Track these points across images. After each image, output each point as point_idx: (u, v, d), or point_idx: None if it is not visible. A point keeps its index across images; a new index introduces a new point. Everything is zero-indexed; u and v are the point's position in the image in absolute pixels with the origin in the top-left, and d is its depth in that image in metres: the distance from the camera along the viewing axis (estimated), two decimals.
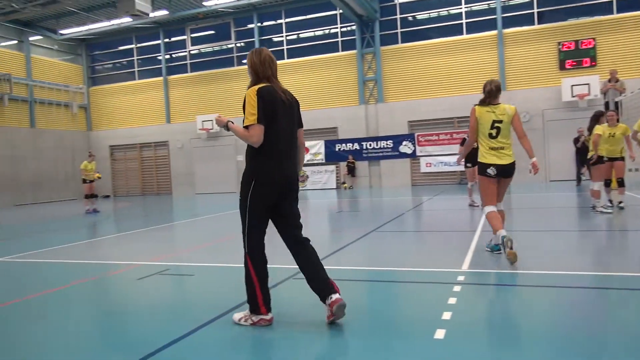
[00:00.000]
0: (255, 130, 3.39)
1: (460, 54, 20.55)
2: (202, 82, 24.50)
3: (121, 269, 6.10)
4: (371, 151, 21.69)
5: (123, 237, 9.46)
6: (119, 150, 26.63)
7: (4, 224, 13.63)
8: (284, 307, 4.20)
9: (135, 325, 3.87)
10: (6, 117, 22.75)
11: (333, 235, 8.64)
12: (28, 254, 7.57)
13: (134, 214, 14.82)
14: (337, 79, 22.26)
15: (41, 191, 23.82)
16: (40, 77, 24.32)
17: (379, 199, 15.77)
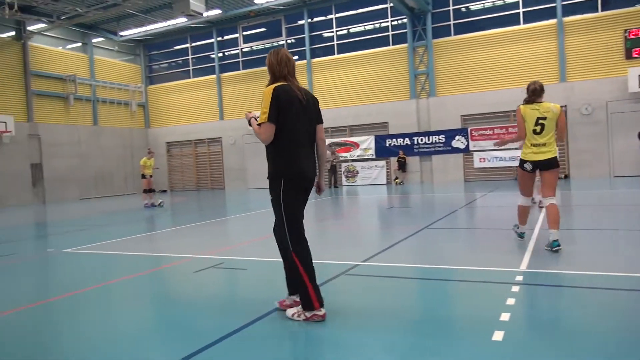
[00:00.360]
0: (265, 128, 3.49)
1: (517, 45, 19.81)
2: (253, 79, 24.87)
3: (178, 261, 6.29)
4: (422, 146, 21.32)
5: (179, 231, 9.76)
6: (175, 146, 27.50)
7: (71, 217, 14.39)
8: (337, 303, 4.20)
9: (191, 317, 3.98)
10: (72, 116, 23.98)
11: (384, 231, 8.57)
12: (92, 245, 7.96)
13: (190, 209, 15.27)
14: (387, 74, 22.01)
15: (103, 186, 25.00)
16: (102, 77, 25.46)
17: (431, 194, 15.49)
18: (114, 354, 3.26)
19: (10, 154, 21.14)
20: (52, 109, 23.19)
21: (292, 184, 3.57)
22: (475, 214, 10.31)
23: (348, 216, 11.20)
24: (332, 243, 7.46)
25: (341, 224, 9.73)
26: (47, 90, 22.87)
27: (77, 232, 10.29)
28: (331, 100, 23.04)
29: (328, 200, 15.39)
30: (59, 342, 3.55)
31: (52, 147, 22.78)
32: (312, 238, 8.00)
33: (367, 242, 7.38)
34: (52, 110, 23.19)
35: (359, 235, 8.13)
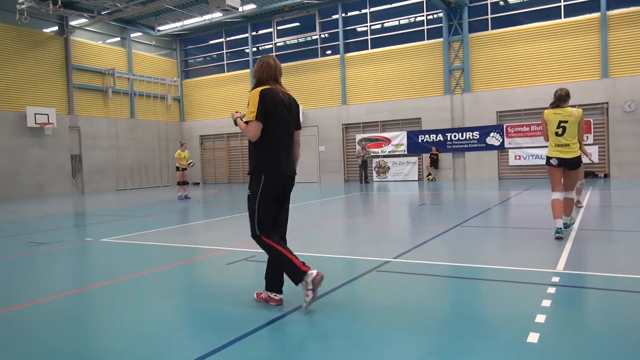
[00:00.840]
0: (253, 126, 3.73)
1: (557, 40, 19.24)
2: (286, 74, 24.93)
3: (211, 253, 6.39)
4: (456, 143, 21.01)
5: (212, 223, 9.92)
6: (208, 139, 27.91)
7: (108, 207, 14.81)
8: (367, 299, 4.19)
9: (222, 309, 4.03)
10: (110, 109, 24.63)
11: (415, 228, 8.49)
12: (128, 235, 8.17)
13: (222, 201, 15.49)
14: (421, 69, 21.75)
15: (139, 177, 25.63)
16: (139, 71, 26.03)
17: (463, 192, 15.27)
18: (146, 343, 3.35)
19: (51, 145, 21.88)
20: (92, 102, 23.86)
21: (272, 181, 3.81)
22: (509, 213, 10.11)
23: (379, 212, 11.15)
24: (362, 239, 7.44)
25: (372, 220, 9.70)
26: (87, 83, 23.54)
27: (113, 222, 10.59)
28: (364, 95, 22.93)
29: (358, 196, 15.36)
30: (95, 329, 3.66)
31: (90, 139, 23.46)
32: (343, 234, 8.08)
33: (399, 238, 7.33)
34: (92, 103, 23.86)
35: (390, 232, 8.08)
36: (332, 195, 16.13)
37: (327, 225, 8.89)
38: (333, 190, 18.35)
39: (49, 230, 9.48)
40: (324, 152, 24.03)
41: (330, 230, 8.29)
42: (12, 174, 20.47)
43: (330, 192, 17.27)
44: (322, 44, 24.32)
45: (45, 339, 3.47)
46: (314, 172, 24.32)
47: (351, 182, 22.52)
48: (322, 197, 15.83)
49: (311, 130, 24.27)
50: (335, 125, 23.63)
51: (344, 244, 7.13)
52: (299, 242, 7.07)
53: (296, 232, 8.07)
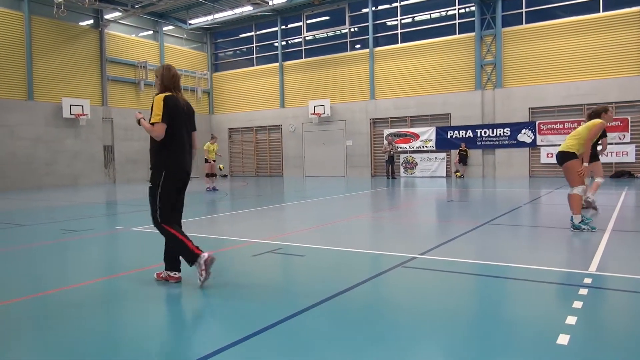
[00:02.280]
0: (159, 126, 4.36)
1: (594, 34, 18.66)
2: (315, 68, 24.94)
3: (238, 244, 6.45)
4: (486, 139, 20.66)
5: (239, 215, 10.02)
6: (236, 132, 28.16)
7: (138, 197, 15.11)
8: (392, 296, 4.16)
9: (248, 300, 4.06)
10: (142, 101, 25.07)
11: (442, 225, 8.39)
12: None
13: (249, 194, 15.62)
14: (452, 63, 21.42)
15: None
16: (171, 64, 26.41)
17: (493, 189, 15.02)
18: (173, 331, 3.40)
19: (85, 136, 22.44)
20: (124, 94, 24.34)
21: (172, 175, 4.42)
22: (540, 211, 9.90)
23: (405, 208, 11.07)
24: (388, 235, 7.40)
25: (398, 216, 9.63)
26: (120, 76, 24.01)
27: (144, 212, 10.77)
28: (393, 89, 22.74)
29: (385, 191, 15.27)
30: (126, 315, 3.74)
31: (123, 130, 23.95)
32: (368, 229, 8.04)
33: (425, 235, 7.26)
34: (124, 95, 24.34)
35: (417, 228, 8.01)
36: (358, 190, 16.08)
37: (352, 220, 8.87)
38: (359, 185, 18.29)
39: (81, 219, 9.73)
40: (351, 147, 23.96)
41: (356, 225, 8.27)
42: (47, 163, 21.09)
43: (357, 187, 17.22)
44: (352, 38, 24.19)
45: (74, 323, 3.56)
46: (341, 167, 24.28)
47: (378, 177, 22.41)
48: (348, 191, 15.80)
49: (339, 125, 24.21)
50: (363, 119, 23.52)
51: (369, 239, 7.10)
52: (324, 236, 7.08)
53: (322, 225, 8.07)
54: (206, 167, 16.44)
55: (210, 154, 16.30)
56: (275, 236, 7.03)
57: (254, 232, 7.59)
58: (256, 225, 8.48)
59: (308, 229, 7.74)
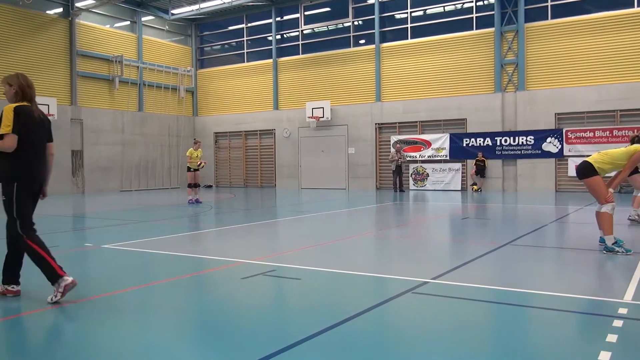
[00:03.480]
0: (10, 138, 4.65)
1: (629, 32, 18.82)
2: (314, 65, 25.07)
3: (225, 265, 6.44)
4: (506, 148, 20.74)
5: (226, 232, 10.00)
6: (223, 137, 28.20)
7: (111, 210, 15.08)
8: (401, 325, 4.16)
9: (237, 329, 4.06)
10: (116, 100, 25.13)
11: (458, 246, 8.40)
12: (132, 242, 8.30)
13: (237, 207, 15.61)
14: (469, 62, 21.56)
15: (145, 177, 26.04)
16: (150, 59, 26.51)
17: (514, 205, 15.04)
18: None
19: None
20: (96, 92, 24.39)
21: (25, 186, 4.79)
22: (568, 231, 9.92)
23: (415, 225, 11.07)
24: (396, 256, 7.40)
25: (407, 235, 9.63)
26: (92, 71, 24.07)
27: (116, 227, 10.77)
28: (401, 91, 22.86)
29: (391, 206, 15.28)
30: (88, 345, 3.72)
31: (94, 133, 23.97)
32: (373, 249, 8.04)
33: (438, 256, 7.27)
34: (96, 94, 24.39)
35: (428, 249, 8.02)
36: (361, 204, 16.08)
37: (355, 238, 8.87)
38: (363, 198, 18.30)
39: (44, 234, 9.66)
40: (354, 155, 24.02)
41: (359, 245, 8.26)
42: None
43: (360, 201, 17.23)
44: (355, 32, 24.35)
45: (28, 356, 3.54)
46: (342, 178, 24.31)
47: (384, 190, 22.44)
48: (350, 206, 15.80)
49: (339, 130, 24.30)
50: (368, 124, 23.60)
51: (374, 261, 7.10)
52: (322, 257, 7.07)
53: (320, 244, 8.06)
54: (188, 176, 16.44)
55: (193, 161, 16.31)
56: (267, 256, 7.03)
57: (243, 251, 7.58)
58: (245, 243, 8.46)
59: (305, 249, 7.74)
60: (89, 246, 8.14)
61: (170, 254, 7.29)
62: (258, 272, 5.96)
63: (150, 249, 7.71)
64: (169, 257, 7.12)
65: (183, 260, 6.92)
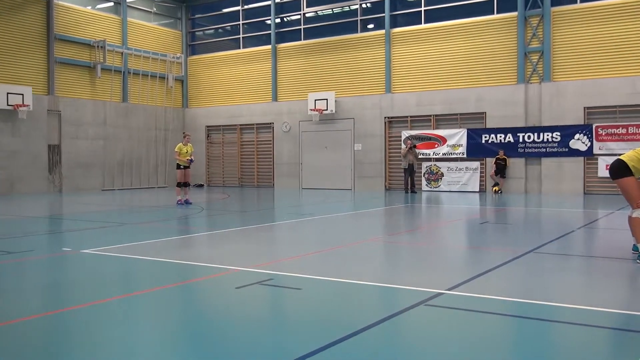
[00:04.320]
0: None
1: None
2: (317, 52, 25.06)
3: (217, 273, 6.44)
4: (530, 145, 20.69)
5: (219, 236, 10.01)
6: (216, 131, 28.20)
7: (91, 211, 15.09)
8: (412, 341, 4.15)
9: (230, 346, 4.05)
10: (98, 90, 25.15)
11: (475, 253, 8.39)
12: (115, 247, 8.30)
13: (231, 209, 15.61)
14: (488, 50, 21.52)
15: (130, 175, 26.05)
16: (135, 44, 26.52)
17: (538, 209, 15.02)
18: None
19: (26, 131, 22.48)
20: (76, 80, 24.41)
21: None
22: (597, 238, 9.91)
23: (428, 230, 11.06)
24: (407, 264, 7.39)
25: (419, 240, 9.62)
26: (71, 58, 24.09)
27: (97, 230, 10.78)
28: (414, 81, 22.84)
29: (402, 209, 15.27)
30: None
31: (73, 126, 23.98)
32: (382, 256, 8.02)
33: (453, 265, 7.26)
34: (76, 83, 24.41)
35: (443, 256, 8.01)
36: (369, 206, 16.06)
37: (362, 244, 8.85)
38: (371, 200, 18.29)
39: (17, 237, 9.70)
40: (361, 152, 24.00)
41: (366, 251, 8.25)
42: None
43: (367, 203, 17.21)
44: (363, 16, 24.34)
45: None
46: (347, 177, 24.30)
47: (394, 191, 22.42)
48: (357, 208, 15.78)
49: (345, 124, 24.28)
50: (376, 118, 23.59)
51: (383, 269, 7.09)
52: (325, 264, 7.06)
53: (323, 250, 8.05)
54: (177, 174, 16.40)
55: (183, 157, 16.26)
56: (264, 263, 7.02)
57: (237, 257, 7.57)
58: (240, 249, 8.46)
59: (306, 255, 7.73)
60: (67, 251, 8.14)
61: (157, 260, 7.29)
62: (253, 281, 5.95)
63: (134, 254, 7.71)
64: (154, 263, 7.12)
65: (170, 267, 6.92)
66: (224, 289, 5.82)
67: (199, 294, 5.76)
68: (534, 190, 20.80)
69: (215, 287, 5.94)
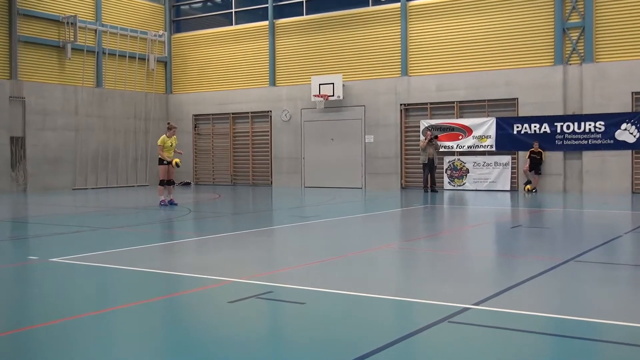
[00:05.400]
0: None
1: None
2: (321, 29, 25.00)
3: (206, 285, 6.43)
4: (569, 137, 20.63)
5: (209, 242, 9.99)
6: (204, 121, 28.19)
7: (61, 214, 15.12)
8: None
9: None
10: (68, 73, 25.14)
11: (506, 262, 8.38)
12: (89, 255, 8.30)
13: (223, 211, 15.61)
14: (521, 26, 21.43)
15: (105, 172, 26.03)
16: (111, 20, 26.52)
17: (579, 211, 14.98)
18: None
19: None
20: (43, 62, 24.41)
21: None
22: None
23: (451, 235, 11.04)
24: (428, 275, 7.38)
25: (441, 247, 9.61)
26: (37, 36, 24.10)
27: (68, 236, 10.79)
28: (434, 62, 22.78)
29: (421, 211, 15.25)
30: None
31: (39, 115, 23.98)
32: (398, 265, 8.02)
33: (481, 276, 7.24)
34: (43, 65, 24.41)
35: (469, 266, 8.00)
36: (382, 208, 16.04)
37: (375, 252, 8.85)
38: (384, 200, 18.27)
39: None
40: (373, 145, 23.96)
41: (379, 260, 8.24)
42: None
43: (381, 204, 17.19)
44: None
45: None
46: (357, 174, 24.26)
47: (411, 190, 22.39)
48: (369, 210, 15.77)
49: (354, 112, 24.23)
50: (391, 105, 23.54)
51: (399, 281, 7.09)
52: (332, 275, 7.06)
53: (330, 259, 8.05)
54: (160, 171, 16.34)
55: (167, 151, 16.22)
56: (261, 273, 7.02)
57: (230, 267, 7.57)
58: (234, 257, 8.46)
59: (309, 264, 7.72)
60: (33, 260, 8.15)
61: (136, 270, 7.29)
62: (250, 294, 5.94)
63: (110, 263, 7.71)
64: (134, 274, 7.12)
65: (152, 278, 6.92)
66: (214, 303, 5.81)
67: (186, 310, 5.75)
68: (574, 188, 20.73)
69: (204, 302, 5.93)
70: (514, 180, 21.60)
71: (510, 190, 21.42)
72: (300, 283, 6.50)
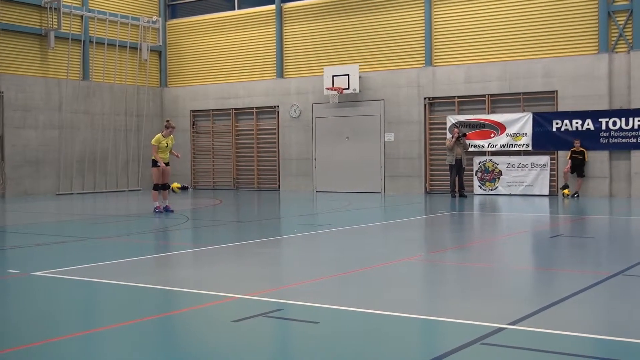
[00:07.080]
0: None
1: None
2: (335, 13, 25.01)
3: (208, 301, 6.45)
4: (616, 135, 20.54)
5: (210, 253, 10.01)
6: (204, 117, 28.25)
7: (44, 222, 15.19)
8: None
9: None
10: (51, 65, 25.25)
11: (545, 276, 8.36)
12: (76, 268, 8.34)
13: (225, 219, 15.63)
14: (560, 8, 21.38)
15: (93, 175, 26.12)
16: (99, 5, 26.64)
17: (627, 218, 14.90)
18: None
19: None
20: (23, 52, 24.53)
21: None
22: None
23: (483, 246, 11.02)
24: (457, 290, 7.36)
25: (471, 259, 9.60)
26: (15, 22, 24.22)
27: (52, 247, 10.83)
28: (462, 51, 22.75)
29: (448, 219, 15.22)
30: None
31: (19, 111, 24.10)
32: (423, 280, 7.99)
33: (517, 292, 7.22)
34: (23, 55, 24.53)
35: (504, 281, 7.98)
36: (404, 215, 16.02)
37: (396, 264, 8.84)
38: (406, 207, 18.25)
39: None
40: (393, 144, 23.94)
41: (402, 274, 8.24)
42: None
43: (403, 211, 17.17)
44: None
45: None
46: (375, 177, 24.23)
47: (436, 195, 22.36)
48: (389, 218, 15.75)
49: (373, 108, 24.21)
50: (413, 99, 23.52)
51: (425, 297, 7.08)
52: (349, 291, 7.05)
53: (346, 273, 8.04)
54: (154, 174, 16.33)
55: (162, 153, 16.21)
56: (269, 289, 7.02)
57: (234, 281, 7.58)
58: (237, 270, 8.47)
59: (323, 279, 7.73)
60: (13, 274, 8.18)
61: (129, 285, 7.31)
62: (256, 312, 5.95)
63: (99, 277, 7.74)
64: (126, 289, 7.15)
65: (147, 294, 6.94)
66: (217, 322, 5.82)
67: (184, 330, 5.77)
68: (621, 193, 20.63)
69: (205, 321, 5.94)
70: (553, 183, 21.53)
71: (548, 194, 21.34)
72: (312, 300, 6.50)
